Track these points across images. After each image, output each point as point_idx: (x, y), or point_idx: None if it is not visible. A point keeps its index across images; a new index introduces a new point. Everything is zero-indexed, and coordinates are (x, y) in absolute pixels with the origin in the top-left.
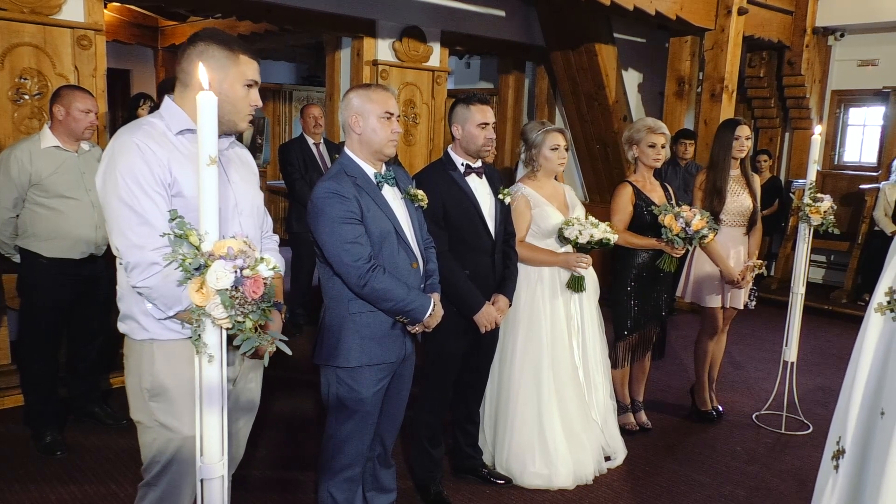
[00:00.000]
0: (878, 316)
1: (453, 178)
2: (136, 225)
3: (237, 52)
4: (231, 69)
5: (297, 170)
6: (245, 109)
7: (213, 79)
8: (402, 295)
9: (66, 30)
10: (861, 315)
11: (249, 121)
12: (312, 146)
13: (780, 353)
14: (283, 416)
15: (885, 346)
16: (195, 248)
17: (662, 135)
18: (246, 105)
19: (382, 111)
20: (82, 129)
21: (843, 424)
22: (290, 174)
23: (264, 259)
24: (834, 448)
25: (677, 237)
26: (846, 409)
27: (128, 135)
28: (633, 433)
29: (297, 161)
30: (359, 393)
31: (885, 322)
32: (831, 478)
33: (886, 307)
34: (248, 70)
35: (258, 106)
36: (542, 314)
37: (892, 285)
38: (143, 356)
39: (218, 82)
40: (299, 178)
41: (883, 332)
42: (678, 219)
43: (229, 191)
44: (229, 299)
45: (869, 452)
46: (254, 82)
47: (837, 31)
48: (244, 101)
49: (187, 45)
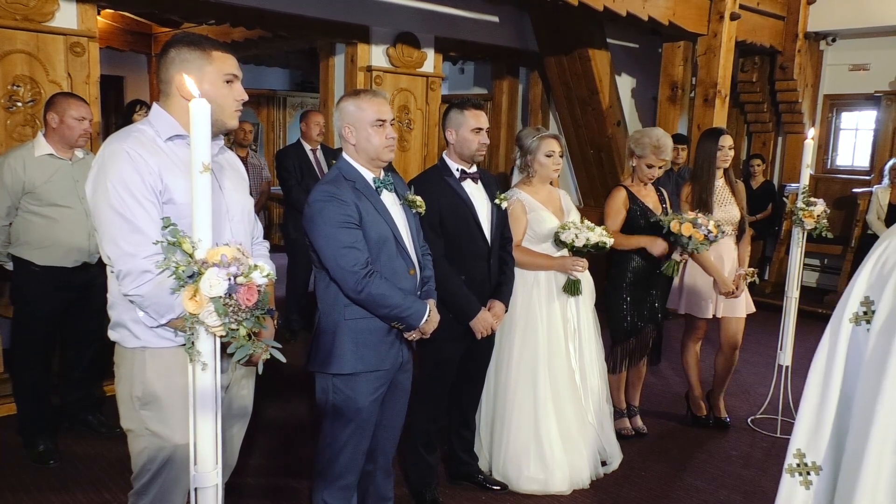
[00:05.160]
0: (852, 326)
1: (449, 183)
2: (128, 233)
3: (209, 49)
4: (206, 68)
5: (294, 176)
6: (231, 106)
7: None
8: (398, 301)
9: (59, 37)
10: None
11: (238, 116)
12: (309, 152)
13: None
14: (278, 422)
15: (857, 359)
16: (189, 256)
17: (664, 159)
18: (230, 101)
19: (374, 118)
20: (76, 137)
21: (813, 442)
22: (286, 180)
23: (258, 266)
24: (794, 461)
25: (701, 244)
26: (815, 426)
27: (118, 142)
28: (629, 438)
29: (294, 167)
30: (355, 401)
31: (860, 333)
32: (800, 496)
33: (862, 317)
34: (224, 65)
35: (244, 99)
36: (539, 318)
37: (867, 294)
38: (134, 364)
39: (197, 84)
40: (295, 185)
41: (857, 344)
42: (699, 228)
43: (221, 197)
44: (223, 307)
45: (839, 470)
46: (233, 76)
47: (829, 35)
48: (228, 97)
49: (160, 55)
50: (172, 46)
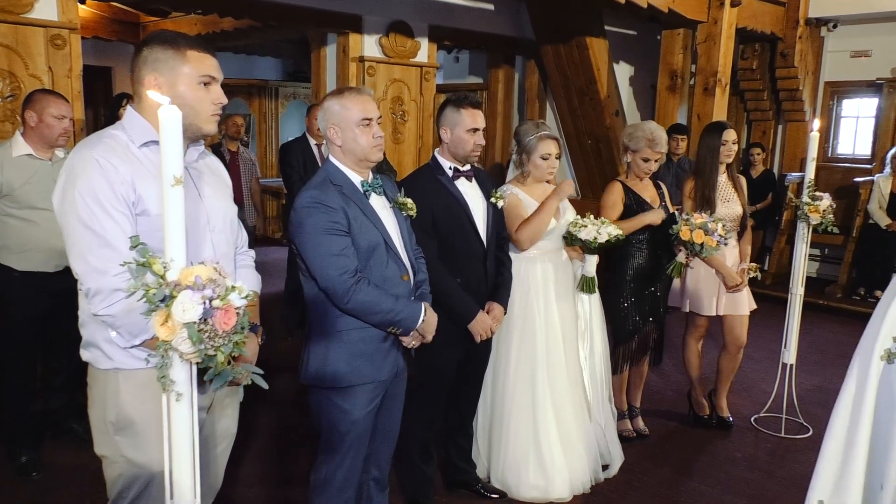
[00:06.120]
0: (884, 364)
1: (442, 182)
2: (97, 248)
3: (184, 48)
4: (181, 68)
5: (297, 171)
6: (207, 110)
7: (164, 83)
8: (389, 305)
9: (39, 29)
10: (857, 310)
11: (217, 121)
12: (314, 147)
13: (776, 351)
14: (271, 429)
15: (891, 398)
16: (159, 278)
17: (659, 152)
18: (207, 105)
19: (360, 118)
20: (56, 136)
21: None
22: (289, 175)
23: (236, 287)
24: None
25: (712, 249)
26: (841, 471)
27: (87, 149)
28: (631, 440)
29: (298, 162)
30: (351, 415)
31: (893, 372)
32: None
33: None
34: (200, 66)
35: (222, 103)
36: (537, 319)
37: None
38: (107, 387)
39: (170, 86)
40: (298, 180)
41: (890, 383)
42: (712, 235)
43: (201, 207)
44: (197, 333)
45: None
46: (210, 78)
47: (830, 21)
48: (204, 101)
49: (134, 55)
50: (145, 45)
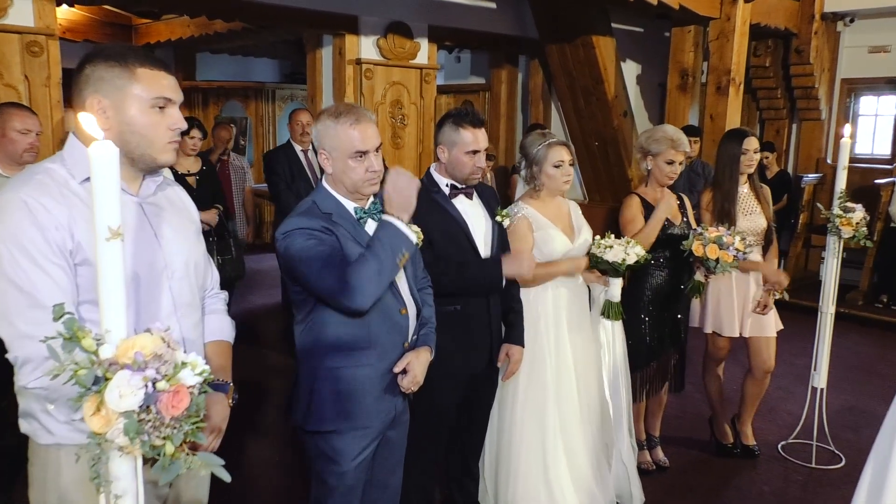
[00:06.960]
0: None
1: (437, 201)
2: (25, 308)
3: (133, 65)
4: (129, 89)
5: (283, 179)
6: (163, 137)
7: (109, 107)
8: (375, 266)
9: (14, 35)
10: (880, 319)
11: (175, 149)
12: (300, 153)
13: (797, 365)
14: (263, 459)
15: None
16: (91, 354)
17: (683, 152)
18: (163, 131)
19: (352, 151)
20: (21, 152)
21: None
22: (275, 184)
23: (187, 363)
24: None
25: (730, 266)
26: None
27: (13, 190)
28: (650, 473)
29: (283, 170)
30: (339, 465)
31: None
32: None
33: None
34: (153, 86)
35: (180, 129)
36: (546, 351)
37: None
38: (48, 466)
39: (116, 111)
40: (285, 189)
41: None
42: (728, 249)
43: (158, 252)
44: (137, 424)
45: None
46: (166, 100)
47: (847, 16)
48: (158, 127)
49: (75, 73)
50: (88, 61)
